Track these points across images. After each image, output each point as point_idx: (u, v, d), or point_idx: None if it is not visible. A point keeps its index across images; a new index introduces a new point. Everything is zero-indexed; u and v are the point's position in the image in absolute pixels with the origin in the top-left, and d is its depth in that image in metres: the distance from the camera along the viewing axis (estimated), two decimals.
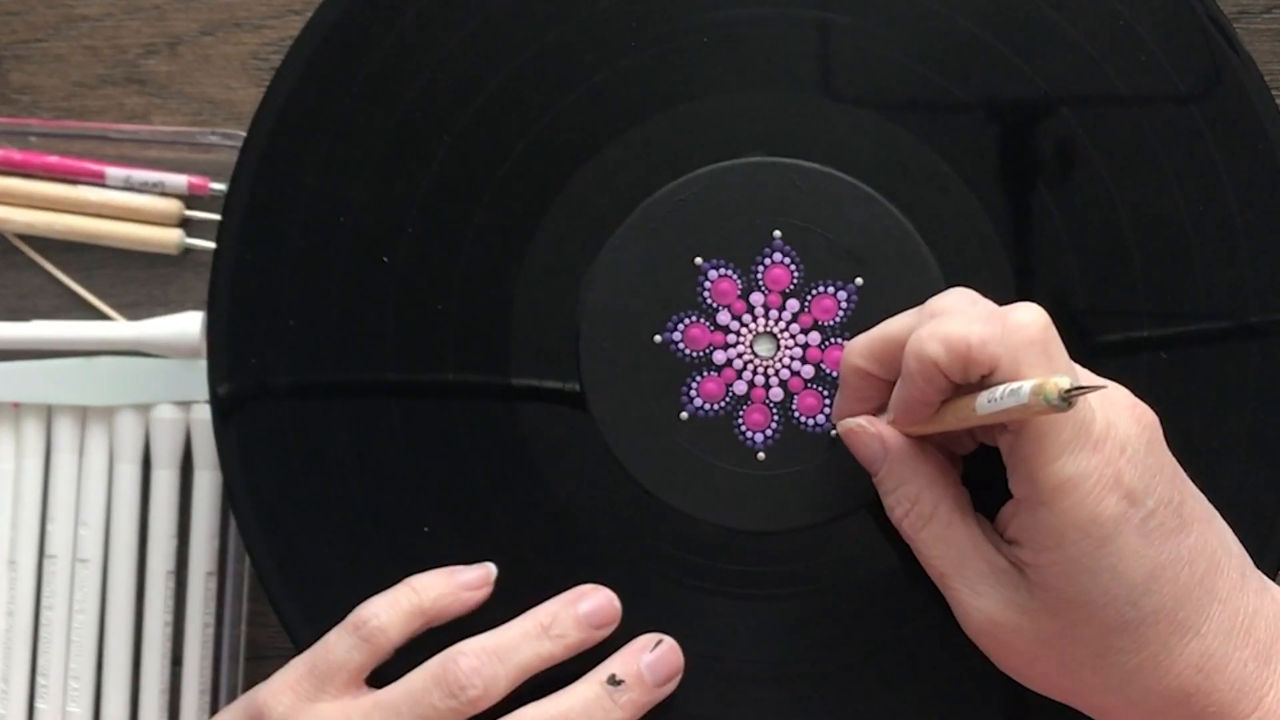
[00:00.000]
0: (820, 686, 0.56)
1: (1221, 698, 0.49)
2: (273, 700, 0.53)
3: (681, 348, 0.56)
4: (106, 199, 0.64)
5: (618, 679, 0.54)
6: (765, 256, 0.57)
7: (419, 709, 0.52)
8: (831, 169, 0.57)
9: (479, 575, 0.55)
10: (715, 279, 0.57)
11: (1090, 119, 0.56)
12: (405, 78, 0.57)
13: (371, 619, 0.54)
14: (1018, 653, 0.50)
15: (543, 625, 0.54)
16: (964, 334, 0.48)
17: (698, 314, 0.57)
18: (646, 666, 0.54)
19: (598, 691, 0.53)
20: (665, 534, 0.56)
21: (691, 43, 0.57)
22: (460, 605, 0.55)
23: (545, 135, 0.57)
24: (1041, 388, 0.44)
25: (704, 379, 0.56)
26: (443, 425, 0.57)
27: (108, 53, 0.65)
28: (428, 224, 0.57)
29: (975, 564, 0.50)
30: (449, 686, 0.52)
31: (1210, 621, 0.49)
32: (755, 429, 0.56)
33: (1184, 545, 0.48)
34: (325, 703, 0.53)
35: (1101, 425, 0.47)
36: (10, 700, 0.63)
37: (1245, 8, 0.64)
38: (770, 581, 0.56)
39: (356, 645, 0.54)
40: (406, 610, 0.54)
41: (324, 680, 0.53)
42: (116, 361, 0.63)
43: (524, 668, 0.53)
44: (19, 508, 0.63)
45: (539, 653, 0.54)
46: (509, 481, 0.57)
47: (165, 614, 0.63)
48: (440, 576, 0.55)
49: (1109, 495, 0.47)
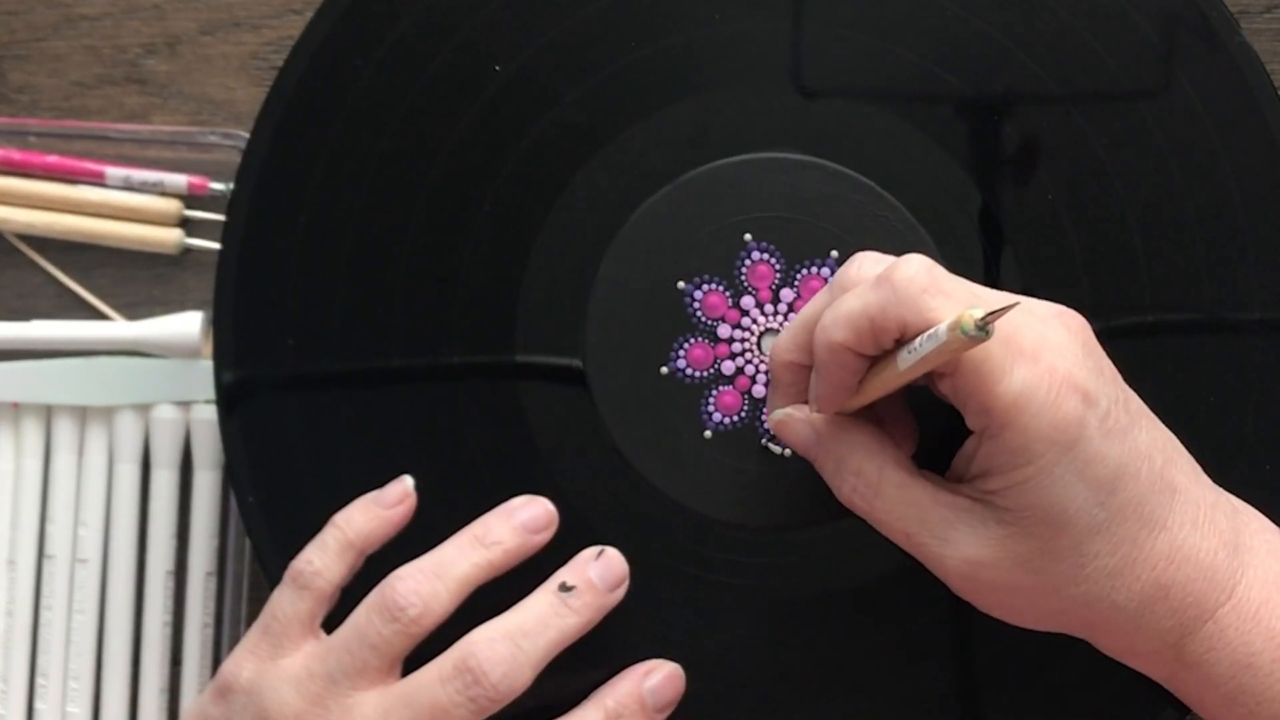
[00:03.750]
0: (821, 685, 0.56)
1: (1196, 588, 0.49)
2: (236, 669, 0.54)
3: (688, 372, 0.57)
4: (106, 199, 0.64)
5: (568, 585, 0.54)
6: (743, 259, 0.57)
7: (367, 639, 0.52)
8: (788, 154, 0.57)
9: (398, 492, 0.56)
10: (702, 296, 0.57)
11: (1082, 110, 0.56)
12: (406, 77, 0.57)
13: (306, 567, 0.54)
14: (1000, 588, 0.50)
15: (477, 536, 0.54)
16: (862, 309, 0.48)
17: (697, 335, 0.57)
18: (595, 573, 0.55)
19: (551, 599, 0.54)
20: (689, 538, 0.57)
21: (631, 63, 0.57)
22: (387, 526, 0.55)
23: (549, 132, 0.57)
24: (957, 323, 0.43)
25: (720, 393, 0.57)
26: (448, 412, 0.57)
27: (107, 52, 0.65)
28: (430, 222, 0.57)
29: (937, 513, 0.50)
30: (389, 610, 0.52)
31: (1174, 514, 0.49)
32: None
33: (1140, 441, 0.49)
34: (285, 658, 0.54)
35: (1032, 338, 0.47)
36: (10, 700, 0.63)
37: (1245, 8, 0.64)
38: (771, 576, 0.57)
39: (299, 595, 0.54)
40: (335, 548, 0.55)
41: (279, 638, 0.54)
42: (116, 361, 0.63)
43: (464, 580, 0.53)
44: (18, 508, 0.63)
45: (476, 562, 0.54)
46: (515, 474, 0.57)
47: (165, 614, 0.63)
48: (360, 504, 0.56)
49: (1067, 398, 0.47)
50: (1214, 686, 0.50)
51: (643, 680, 0.55)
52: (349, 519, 0.55)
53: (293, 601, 0.54)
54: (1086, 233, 0.57)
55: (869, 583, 0.57)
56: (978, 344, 0.44)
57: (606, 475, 0.57)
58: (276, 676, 0.53)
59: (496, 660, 0.52)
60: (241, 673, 0.54)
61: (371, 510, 0.56)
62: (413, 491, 0.56)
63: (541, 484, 0.56)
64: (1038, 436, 0.47)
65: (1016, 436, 0.47)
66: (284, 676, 0.53)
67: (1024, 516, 0.48)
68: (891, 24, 0.57)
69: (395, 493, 0.56)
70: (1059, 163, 0.57)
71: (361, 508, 0.56)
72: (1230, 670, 0.49)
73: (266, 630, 0.54)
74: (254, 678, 0.53)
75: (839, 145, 0.57)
